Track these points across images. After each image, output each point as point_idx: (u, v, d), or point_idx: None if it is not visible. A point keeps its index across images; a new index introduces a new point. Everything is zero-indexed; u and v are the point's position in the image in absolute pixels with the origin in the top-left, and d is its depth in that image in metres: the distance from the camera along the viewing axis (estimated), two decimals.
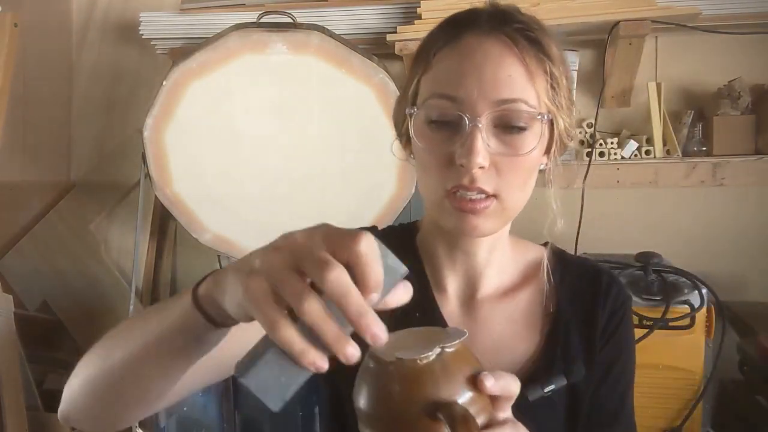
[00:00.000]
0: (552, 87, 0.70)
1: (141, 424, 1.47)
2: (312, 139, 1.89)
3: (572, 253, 0.92)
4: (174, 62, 1.89)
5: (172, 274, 2.35)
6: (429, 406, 0.46)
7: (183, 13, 2.13)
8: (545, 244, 0.86)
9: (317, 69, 1.83)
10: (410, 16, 1.97)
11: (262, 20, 1.84)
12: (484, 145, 0.67)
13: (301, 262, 0.43)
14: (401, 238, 0.84)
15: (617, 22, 1.83)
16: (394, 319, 0.46)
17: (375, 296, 0.43)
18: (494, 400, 0.51)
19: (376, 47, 2.03)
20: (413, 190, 1.89)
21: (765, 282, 2.02)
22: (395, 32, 1.95)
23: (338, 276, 0.41)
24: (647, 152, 1.96)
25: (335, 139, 1.88)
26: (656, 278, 1.65)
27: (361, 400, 0.50)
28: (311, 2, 2.06)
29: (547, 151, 0.74)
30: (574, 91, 0.75)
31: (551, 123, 0.71)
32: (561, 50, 0.72)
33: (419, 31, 1.90)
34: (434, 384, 0.46)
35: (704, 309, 1.60)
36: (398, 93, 1.79)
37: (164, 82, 1.82)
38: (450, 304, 0.81)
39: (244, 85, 1.85)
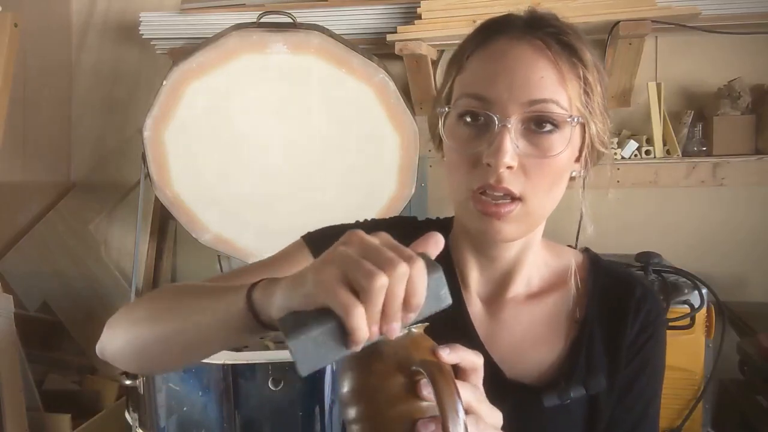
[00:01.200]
0: (585, 92, 0.70)
1: (141, 424, 1.48)
2: (312, 139, 1.89)
3: None
4: (174, 62, 1.89)
5: (172, 274, 2.35)
6: (404, 365, 0.53)
7: (183, 13, 2.13)
8: (584, 250, 0.85)
9: (317, 69, 1.83)
10: (410, 16, 1.96)
11: (262, 20, 1.84)
12: (513, 145, 0.67)
13: (370, 254, 0.48)
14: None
15: (617, 22, 1.83)
16: None
17: (412, 316, 0.50)
18: (462, 374, 0.55)
19: (376, 47, 2.03)
20: (413, 190, 1.89)
21: (765, 282, 2.01)
22: (395, 32, 1.95)
23: (402, 273, 0.48)
24: (647, 152, 1.96)
25: (335, 139, 1.88)
26: (656, 278, 1.65)
27: (345, 386, 0.55)
28: (311, 2, 2.06)
29: (579, 158, 0.74)
30: None
31: (582, 128, 0.71)
32: (596, 57, 0.72)
33: (419, 31, 1.89)
34: (406, 352, 0.53)
35: (704, 309, 1.60)
36: (398, 93, 1.82)
37: (164, 82, 1.82)
38: (476, 303, 0.80)
39: (243, 85, 1.85)
